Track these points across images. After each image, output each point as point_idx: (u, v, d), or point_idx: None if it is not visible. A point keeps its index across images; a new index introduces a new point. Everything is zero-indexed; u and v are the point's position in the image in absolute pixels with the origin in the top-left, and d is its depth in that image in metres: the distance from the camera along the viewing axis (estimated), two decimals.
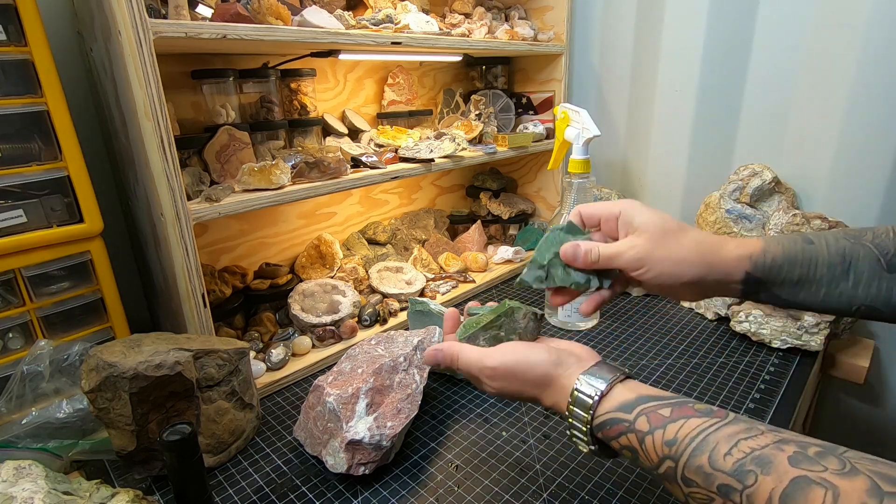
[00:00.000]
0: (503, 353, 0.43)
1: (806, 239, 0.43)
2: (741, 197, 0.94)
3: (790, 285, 0.42)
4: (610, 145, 1.19)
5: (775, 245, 0.43)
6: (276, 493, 0.54)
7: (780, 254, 0.42)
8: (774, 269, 0.42)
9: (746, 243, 0.43)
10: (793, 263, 0.42)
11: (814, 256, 0.42)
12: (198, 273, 0.63)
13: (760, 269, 0.42)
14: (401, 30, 0.84)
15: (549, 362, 0.41)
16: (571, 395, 0.39)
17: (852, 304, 0.41)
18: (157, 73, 0.56)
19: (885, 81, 0.79)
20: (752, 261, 0.42)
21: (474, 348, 0.45)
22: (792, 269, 0.42)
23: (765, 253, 0.42)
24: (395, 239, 1.11)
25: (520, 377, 0.42)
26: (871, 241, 0.41)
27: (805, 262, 0.42)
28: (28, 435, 0.56)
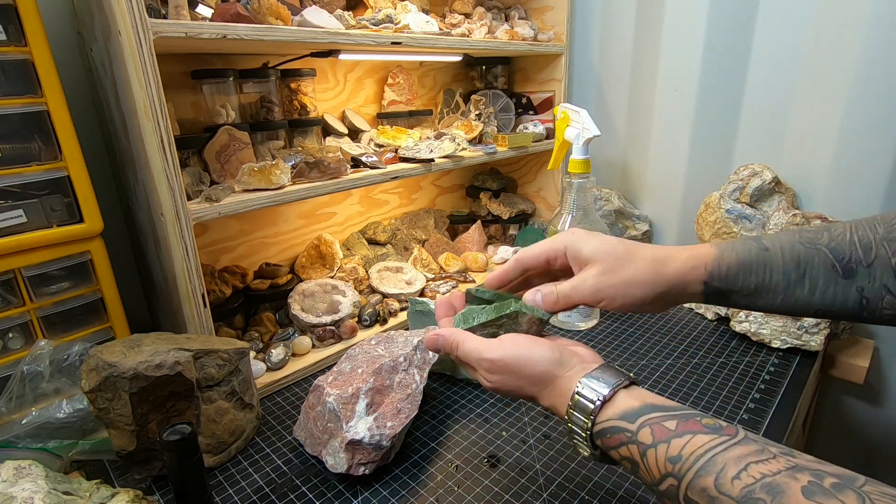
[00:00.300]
0: (505, 346, 0.42)
1: (761, 245, 0.42)
2: (741, 197, 0.94)
3: (747, 293, 0.42)
4: (610, 145, 1.19)
5: (729, 252, 0.42)
6: (276, 493, 0.54)
7: (734, 262, 0.41)
8: (730, 278, 0.41)
9: (699, 253, 0.42)
10: (748, 272, 0.41)
11: (769, 263, 0.41)
12: (198, 273, 0.63)
13: (717, 278, 0.41)
14: (401, 30, 0.84)
15: (552, 360, 0.40)
16: (572, 398, 0.38)
17: (808, 308, 0.41)
18: (157, 73, 0.56)
19: (885, 81, 0.79)
20: (706, 270, 0.42)
21: (476, 338, 0.44)
22: (748, 278, 0.41)
23: (719, 262, 0.41)
24: (395, 239, 1.11)
25: (518, 372, 0.41)
26: (826, 244, 0.40)
27: (760, 269, 0.41)
28: (28, 435, 0.56)
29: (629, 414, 0.35)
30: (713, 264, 0.41)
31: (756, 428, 0.61)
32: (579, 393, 0.37)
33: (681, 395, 0.67)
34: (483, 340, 0.43)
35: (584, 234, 0.44)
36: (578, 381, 0.38)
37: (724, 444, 0.31)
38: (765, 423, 0.62)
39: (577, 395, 0.38)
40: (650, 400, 0.36)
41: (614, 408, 0.36)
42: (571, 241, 0.44)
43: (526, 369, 0.40)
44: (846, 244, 0.40)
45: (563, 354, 0.40)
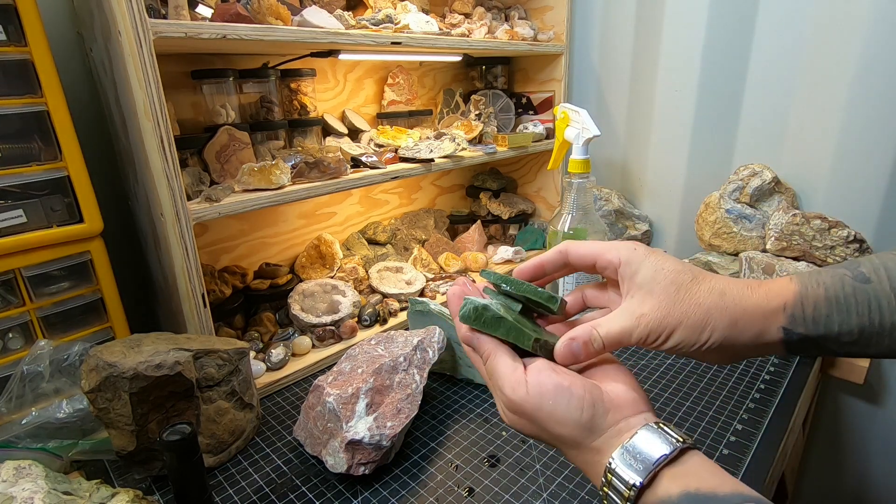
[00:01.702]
0: (530, 388, 0.34)
1: (858, 275, 0.32)
2: (741, 197, 0.94)
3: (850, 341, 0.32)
4: (610, 145, 1.19)
5: (815, 287, 0.33)
6: (276, 493, 0.54)
7: (821, 299, 0.32)
8: (820, 322, 0.32)
9: (776, 289, 0.33)
10: (844, 311, 0.32)
11: (874, 300, 0.31)
12: (198, 273, 0.63)
13: (801, 323, 0.32)
14: (401, 30, 0.84)
15: (578, 425, 0.32)
16: (605, 475, 0.31)
17: None
18: (157, 73, 0.56)
19: (885, 81, 0.79)
20: (787, 314, 0.33)
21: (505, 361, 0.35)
22: (845, 320, 0.31)
23: (802, 301, 0.32)
24: (395, 239, 1.11)
25: (540, 425, 0.34)
26: None
27: (863, 308, 0.31)
28: (28, 435, 0.56)
29: None
30: (794, 304, 0.33)
31: (756, 428, 0.61)
32: (612, 471, 0.31)
33: (681, 395, 0.67)
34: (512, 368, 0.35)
35: (643, 252, 0.36)
36: (611, 457, 0.31)
37: None
38: (765, 423, 0.62)
39: (609, 472, 0.31)
40: (695, 485, 0.29)
41: (653, 494, 0.30)
42: (627, 257, 0.36)
43: (549, 427, 0.33)
44: None
45: (594, 414, 0.32)
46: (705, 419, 0.63)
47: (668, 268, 0.35)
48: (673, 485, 0.29)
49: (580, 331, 0.36)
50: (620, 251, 0.37)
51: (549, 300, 0.38)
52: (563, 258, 0.40)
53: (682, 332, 0.33)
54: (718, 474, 0.29)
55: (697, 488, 0.28)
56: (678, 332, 0.33)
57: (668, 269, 0.35)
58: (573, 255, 0.39)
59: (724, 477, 0.29)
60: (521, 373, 0.35)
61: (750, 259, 0.88)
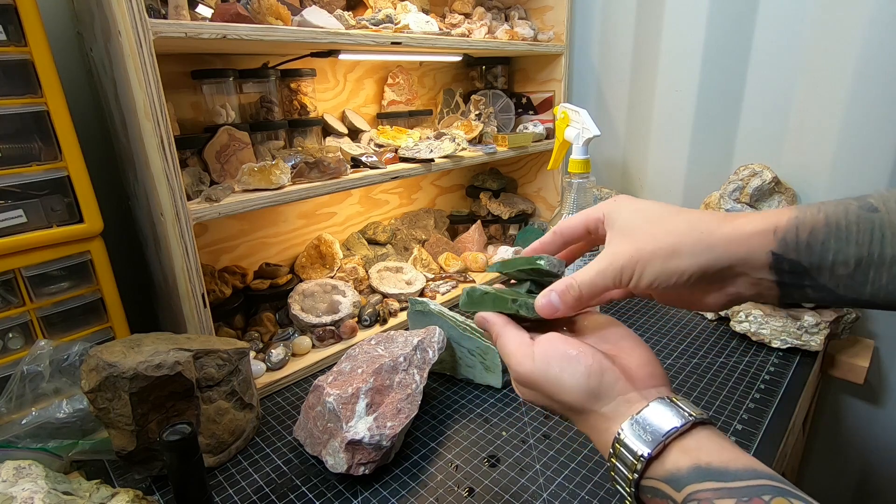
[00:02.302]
0: (536, 359, 0.34)
1: (865, 204, 0.29)
2: (741, 197, 0.94)
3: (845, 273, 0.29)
4: (610, 145, 1.19)
5: (814, 213, 0.29)
6: (276, 493, 0.54)
7: (821, 224, 0.29)
8: (815, 249, 0.29)
9: (769, 215, 0.31)
10: (843, 239, 0.28)
11: (878, 228, 0.28)
12: (198, 273, 0.63)
13: (794, 248, 0.29)
14: (401, 30, 0.84)
15: (585, 391, 0.32)
16: (613, 446, 0.31)
17: None
18: (157, 73, 0.56)
19: (885, 81, 0.79)
20: (777, 237, 0.29)
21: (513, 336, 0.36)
22: (843, 248, 0.28)
23: (798, 226, 0.29)
24: (395, 239, 1.11)
25: (548, 394, 0.34)
26: None
27: (864, 237, 0.28)
28: (28, 435, 0.56)
29: (675, 478, 0.28)
30: (787, 227, 0.29)
31: (756, 428, 0.61)
32: (620, 441, 0.30)
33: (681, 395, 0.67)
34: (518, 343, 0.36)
35: (625, 200, 0.36)
36: (621, 427, 0.30)
37: None
38: (765, 423, 0.62)
39: (617, 443, 0.30)
40: (706, 459, 0.28)
41: (661, 466, 0.29)
42: (610, 209, 0.36)
43: (556, 395, 0.33)
44: None
45: (602, 381, 0.32)
46: None
47: (646, 208, 0.34)
48: (683, 458, 0.28)
49: (559, 283, 0.36)
50: (604, 206, 0.36)
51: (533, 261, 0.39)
52: (558, 237, 0.40)
53: (655, 264, 0.32)
54: (732, 449, 0.28)
55: (709, 462, 0.27)
56: (651, 265, 0.32)
57: (646, 209, 0.34)
58: (566, 229, 0.39)
59: (737, 452, 0.28)
60: (528, 346, 0.35)
61: None
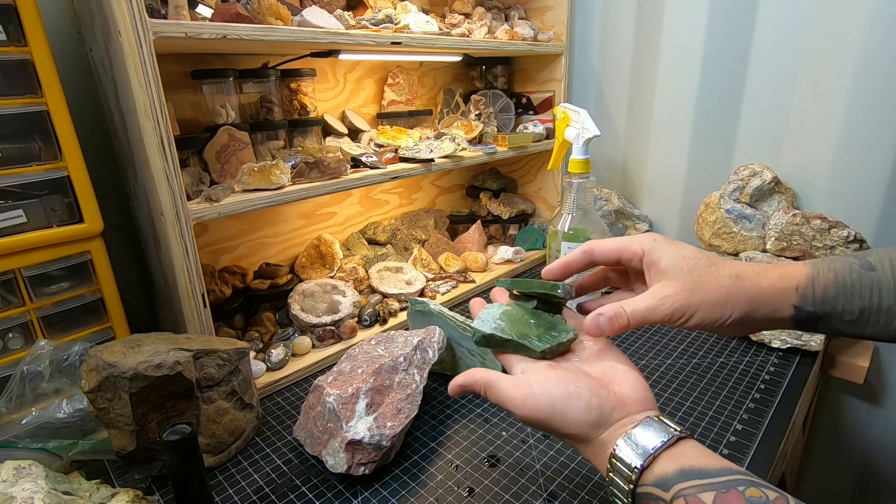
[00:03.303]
0: (537, 397, 0.37)
1: (865, 264, 0.36)
2: (741, 197, 0.94)
3: (851, 320, 0.36)
4: (610, 145, 1.19)
5: (825, 272, 0.37)
6: (276, 493, 0.54)
7: (831, 282, 0.36)
8: (828, 302, 0.36)
9: (790, 272, 0.38)
10: (850, 294, 0.36)
11: (876, 284, 0.35)
12: (198, 273, 0.63)
13: (811, 302, 0.36)
14: (401, 30, 0.84)
15: (587, 423, 0.36)
16: (609, 461, 0.34)
17: None
18: (157, 73, 0.56)
19: (885, 81, 0.80)
20: (798, 293, 0.37)
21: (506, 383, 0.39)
22: (849, 300, 0.36)
23: (813, 283, 0.36)
24: (395, 239, 1.11)
25: (551, 428, 0.37)
26: None
27: (865, 291, 0.35)
28: (28, 435, 0.56)
29: (663, 481, 0.32)
30: (805, 285, 0.37)
31: (756, 428, 0.61)
32: (616, 456, 0.34)
33: (681, 395, 0.67)
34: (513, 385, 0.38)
35: (664, 242, 0.40)
36: (616, 444, 0.35)
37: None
38: (765, 423, 0.62)
39: (613, 458, 0.34)
40: (689, 462, 0.32)
41: (651, 473, 0.33)
42: (650, 247, 0.40)
43: (561, 429, 0.37)
44: None
45: (601, 413, 0.36)
46: (705, 419, 0.63)
47: (688, 255, 0.39)
48: (669, 464, 0.33)
49: (608, 308, 0.40)
50: (643, 242, 0.41)
51: (552, 288, 0.43)
52: (587, 257, 0.43)
53: (705, 311, 0.37)
54: (710, 455, 0.33)
55: (692, 465, 0.32)
56: (701, 311, 0.37)
57: (689, 256, 0.39)
58: (598, 252, 0.43)
59: (715, 457, 0.33)
60: (525, 385, 0.38)
61: (750, 259, 0.88)
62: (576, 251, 0.43)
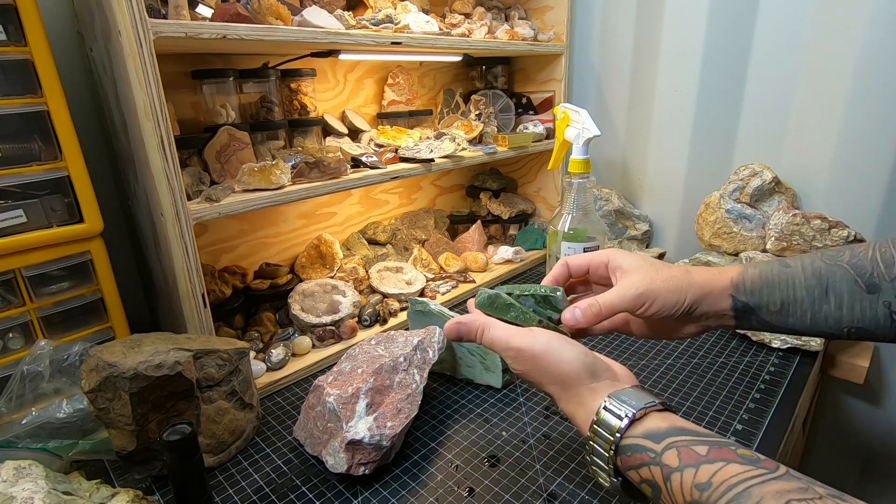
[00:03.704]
0: (536, 337, 0.40)
1: (782, 263, 0.43)
2: (741, 197, 0.94)
3: (775, 310, 0.42)
4: (610, 145, 1.19)
5: (752, 269, 0.44)
6: (276, 493, 0.54)
7: (757, 277, 0.43)
8: (755, 293, 0.43)
9: (727, 270, 0.45)
10: (771, 286, 0.42)
11: (790, 279, 0.42)
12: (198, 273, 0.63)
13: (742, 292, 0.43)
14: (401, 30, 0.84)
15: (582, 364, 0.38)
16: (597, 412, 0.36)
17: (841, 326, 0.41)
18: (157, 73, 0.56)
19: (885, 81, 0.79)
20: (733, 284, 0.43)
21: (505, 325, 0.42)
22: (772, 293, 0.42)
23: (743, 277, 0.43)
24: (395, 239, 1.11)
25: (544, 367, 0.39)
26: (847, 261, 0.41)
27: (783, 284, 0.42)
28: (28, 435, 0.56)
29: (654, 434, 0.33)
30: (737, 278, 0.44)
31: (756, 428, 0.61)
32: (606, 408, 0.35)
33: (681, 395, 0.67)
34: (512, 328, 0.42)
35: (624, 252, 0.48)
36: (607, 397, 0.36)
37: (761, 476, 0.28)
38: (765, 423, 0.62)
39: (603, 409, 0.35)
40: (680, 423, 0.34)
41: (640, 426, 0.34)
42: (612, 255, 0.47)
43: (552, 365, 0.39)
44: (867, 260, 0.40)
45: (595, 364, 0.39)
46: (705, 419, 0.63)
47: (645, 258, 0.46)
48: (661, 422, 0.34)
49: (582, 301, 0.45)
50: (607, 253, 0.48)
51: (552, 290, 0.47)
52: (566, 269, 0.49)
53: (663, 297, 0.43)
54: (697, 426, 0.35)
55: (683, 426, 0.34)
56: (660, 297, 0.43)
57: (646, 258, 0.46)
58: (573, 265, 0.49)
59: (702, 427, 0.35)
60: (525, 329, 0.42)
61: (750, 259, 0.88)
62: (557, 267, 0.50)
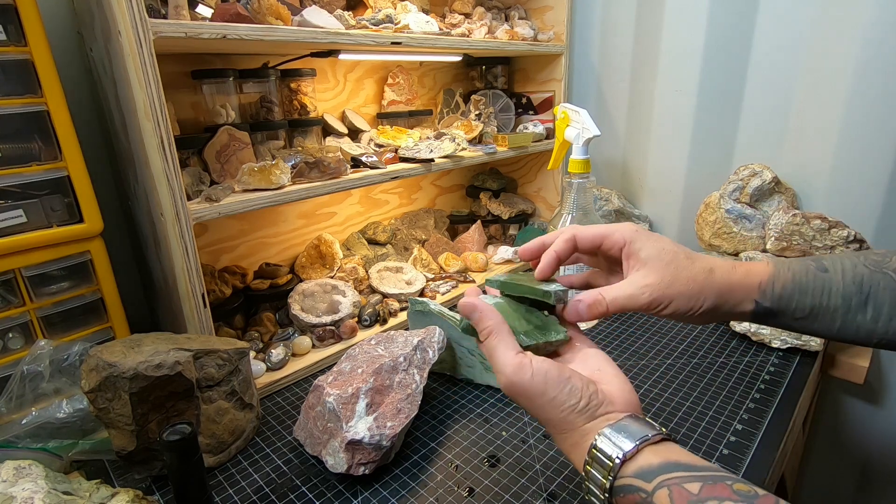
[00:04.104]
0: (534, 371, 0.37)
1: (820, 266, 0.40)
2: (741, 197, 0.94)
3: (801, 317, 0.39)
4: (610, 145, 1.19)
5: (785, 271, 0.40)
6: (276, 493, 0.54)
7: (789, 281, 0.39)
8: (784, 299, 0.39)
9: (755, 269, 0.41)
10: (804, 293, 0.39)
11: (827, 285, 0.38)
12: (198, 273, 0.63)
13: (769, 298, 0.40)
14: (401, 30, 0.84)
15: (575, 411, 0.36)
16: (589, 451, 0.34)
17: (871, 337, 0.38)
18: (157, 73, 0.56)
19: (885, 81, 0.79)
20: (760, 290, 0.40)
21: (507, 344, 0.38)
22: (803, 299, 0.39)
23: (773, 281, 0.40)
24: (395, 239, 1.11)
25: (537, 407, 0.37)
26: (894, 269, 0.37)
27: (817, 291, 0.38)
28: (28, 435, 0.56)
29: (646, 472, 0.32)
30: (767, 283, 0.40)
31: (756, 428, 0.61)
32: (596, 447, 0.34)
33: (681, 395, 0.67)
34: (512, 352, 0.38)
35: (644, 234, 0.42)
36: (598, 434, 0.34)
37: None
38: (765, 423, 0.62)
39: (594, 448, 0.34)
40: (674, 457, 0.32)
41: (633, 464, 0.33)
42: (631, 237, 0.42)
43: (547, 410, 0.36)
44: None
45: (588, 403, 0.36)
46: (705, 419, 0.63)
47: (667, 248, 0.41)
48: (654, 457, 0.33)
49: (587, 295, 0.41)
50: (625, 233, 0.42)
51: (544, 295, 0.42)
52: (572, 245, 0.44)
53: (679, 302, 0.40)
54: (695, 456, 0.33)
55: (677, 460, 0.32)
56: (676, 302, 0.40)
57: (668, 250, 0.41)
58: (581, 238, 0.44)
59: (700, 459, 0.33)
60: (525, 357, 0.38)
61: (750, 259, 0.88)
62: (560, 240, 0.43)
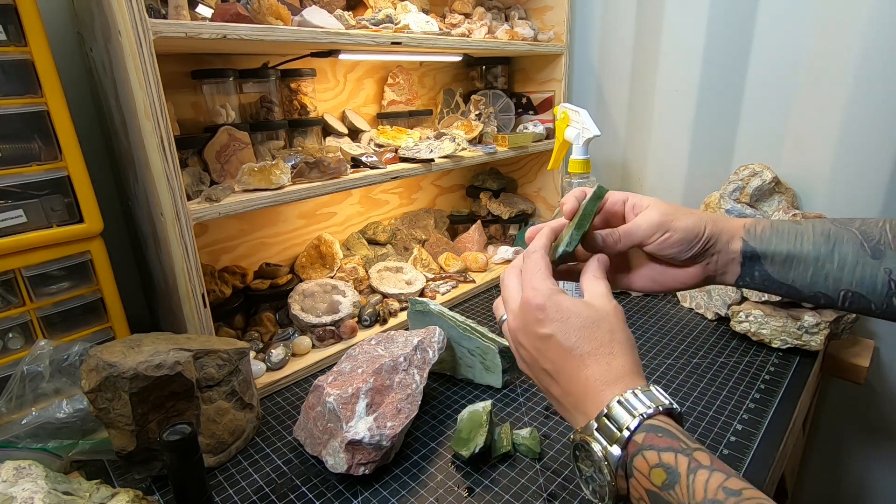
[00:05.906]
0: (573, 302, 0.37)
1: (792, 220, 0.46)
2: (741, 197, 0.94)
3: (780, 262, 0.44)
4: (610, 145, 1.19)
5: (763, 220, 0.46)
6: (276, 493, 0.54)
7: (768, 226, 0.45)
8: (765, 241, 0.44)
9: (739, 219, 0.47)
10: (780, 235, 0.44)
11: (800, 233, 0.44)
12: (198, 273, 0.63)
13: (753, 238, 0.44)
14: (401, 30, 0.84)
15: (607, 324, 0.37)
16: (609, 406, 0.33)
17: (839, 288, 0.42)
18: (157, 73, 0.56)
19: (885, 81, 0.79)
20: (745, 228, 0.45)
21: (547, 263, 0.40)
22: (780, 242, 0.44)
23: (755, 224, 0.45)
24: (395, 239, 1.11)
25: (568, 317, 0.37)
26: (857, 227, 0.43)
27: (791, 236, 0.44)
28: (28, 435, 0.56)
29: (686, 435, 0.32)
30: (750, 224, 0.46)
31: (756, 428, 0.61)
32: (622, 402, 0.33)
33: (681, 395, 0.67)
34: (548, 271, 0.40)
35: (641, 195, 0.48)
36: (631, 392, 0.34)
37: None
38: (765, 423, 0.62)
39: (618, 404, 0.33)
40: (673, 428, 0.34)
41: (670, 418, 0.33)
42: (631, 195, 0.48)
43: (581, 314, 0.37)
44: (876, 229, 0.42)
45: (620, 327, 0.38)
46: (705, 419, 0.63)
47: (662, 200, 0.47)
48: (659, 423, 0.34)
49: (603, 231, 0.46)
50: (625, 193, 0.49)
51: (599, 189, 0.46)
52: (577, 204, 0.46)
53: (682, 231, 0.44)
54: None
55: None
56: (679, 231, 0.44)
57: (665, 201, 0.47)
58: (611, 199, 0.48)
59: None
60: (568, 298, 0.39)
61: None
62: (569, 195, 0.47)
